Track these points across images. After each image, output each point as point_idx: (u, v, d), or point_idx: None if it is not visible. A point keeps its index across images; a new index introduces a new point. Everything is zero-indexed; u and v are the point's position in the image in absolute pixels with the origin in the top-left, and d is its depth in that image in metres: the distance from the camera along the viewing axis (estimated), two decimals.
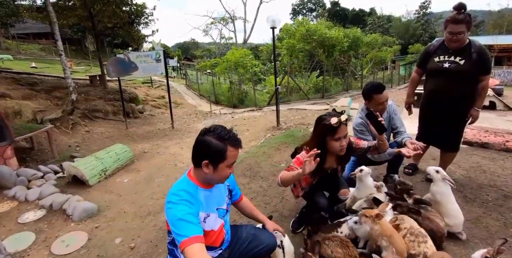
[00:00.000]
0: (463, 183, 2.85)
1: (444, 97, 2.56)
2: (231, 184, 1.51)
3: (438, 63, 2.54)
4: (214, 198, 1.33)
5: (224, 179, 1.28)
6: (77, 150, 5.13)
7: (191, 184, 1.26)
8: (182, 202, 1.17)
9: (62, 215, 2.82)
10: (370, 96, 2.26)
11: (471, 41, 2.40)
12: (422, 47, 33.05)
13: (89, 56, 26.49)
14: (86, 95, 9.08)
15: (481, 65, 2.36)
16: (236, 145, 1.22)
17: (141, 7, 10.94)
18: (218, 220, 1.35)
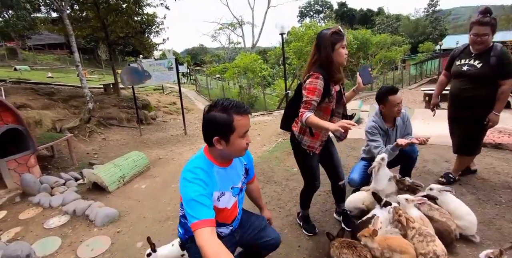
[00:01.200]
0: (476, 185, 2.84)
1: (462, 100, 2.62)
2: (248, 163, 1.49)
3: (458, 66, 2.61)
4: (229, 176, 1.31)
5: (242, 151, 1.23)
6: (95, 157, 5.33)
7: (207, 161, 1.24)
8: (197, 181, 1.15)
9: (85, 221, 2.95)
10: (385, 98, 2.30)
11: (493, 45, 2.43)
12: (433, 45, 32.46)
13: (102, 64, 27.21)
14: (101, 103, 9.36)
15: (500, 70, 2.37)
16: (242, 112, 1.15)
17: (152, 16, 11.24)
18: (232, 198, 1.35)
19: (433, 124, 5.79)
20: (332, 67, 1.74)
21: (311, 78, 1.72)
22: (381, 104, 2.37)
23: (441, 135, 4.99)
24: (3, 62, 22.18)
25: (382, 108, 2.39)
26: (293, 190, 3.04)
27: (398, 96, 2.27)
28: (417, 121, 6.02)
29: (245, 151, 1.26)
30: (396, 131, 2.45)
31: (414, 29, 41.51)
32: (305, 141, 1.91)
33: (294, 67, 12.79)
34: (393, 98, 2.26)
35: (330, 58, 1.71)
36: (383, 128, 2.40)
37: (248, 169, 1.49)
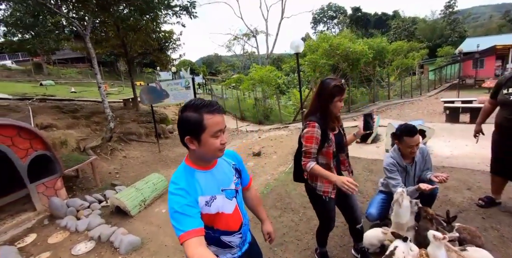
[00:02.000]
0: (500, 218, 2.75)
1: (510, 130, 2.57)
2: (237, 163, 1.41)
3: (506, 95, 2.57)
4: (216, 178, 1.26)
5: (215, 151, 1.18)
6: (116, 176, 5.52)
7: (187, 168, 1.23)
8: (178, 191, 1.13)
9: (110, 248, 3.07)
10: (401, 138, 2.31)
11: None
12: (452, 49, 31.39)
13: (121, 77, 28.18)
14: (121, 118, 9.71)
15: None
16: (212, 111, 1.13)
17: (169, 33, 11.64)
18: (227, 201, 1.28)
19: (454, 142, 5.65)
20: (328, 117, 1.86)
21: (308, 127, 1.84)
22: (397, 140, 2.37)
23: (462, 155, 4.87)
24: (30, 77, 23.42)
25: (397, 144, 2.39)
26: (310, 220, 3.05)
27: (415, 139, 2.25)
28: (437, 140, 5.86)
29: (220, 151, 1.20)
30: (415, 167, 2.43)
31: (431, 32, 40.47)
32: (319, 186, 1.95)
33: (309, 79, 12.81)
34: (409, 140, 2.26)
35: (328, 109, 1.83)
36: (402, 165, 2.40)
37: (240, 170, 1.42)
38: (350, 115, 10.99)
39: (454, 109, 7.89)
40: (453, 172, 4.13)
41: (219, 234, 1.28)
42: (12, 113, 7.12)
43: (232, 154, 1.42)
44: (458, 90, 14.96)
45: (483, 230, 2.61)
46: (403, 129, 2.31)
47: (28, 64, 26.13)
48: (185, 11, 9.48)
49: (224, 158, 1.34)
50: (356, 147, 5.97)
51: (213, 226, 1.25)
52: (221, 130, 1.16)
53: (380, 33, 41.73)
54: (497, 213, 2.85)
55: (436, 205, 3.18)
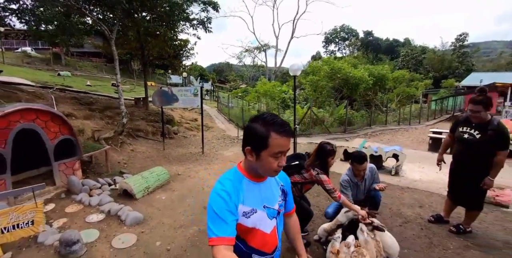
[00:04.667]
0: (435, 231, 3.39)
1: (463, 164, 3.09)
2: (286, 185, 1.40)
3: (461, 132, 3.04)
4: (261, 193, 1.24)
5: (270, 171, 1.17)
6: (124, 166, 6.23)
7: (237, 173, 1.23)
8: (222, 193, 1.14)
9: (117, 220, 3.74)
10: (352, 163, 3.02)
11: (491, 119, 2.85)
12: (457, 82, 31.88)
13: (134, 75, 29.24)
14: (131, 115, 10.44)
15: (496, 142, 2.77)
16: (281, 132, 1.10)
17: (184, 42, 12.57)
18: (267, 220, 1.25)
19: (427, 169, 6.31)
20: (325, 168, 2.79)
21: (321, 174, 2.72)
22: (350, 163, 3.07)
23: (429, 180, 5.54)
24: (48, 66, 24.51)
25: (351, 165, 3.08)
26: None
27: (363, 166, 2.93)
28: (412, 165, 6.54)
29: (275, 172, 1.19)
30: (364, 182, 3.14)
31: (439, 63, 40.77)
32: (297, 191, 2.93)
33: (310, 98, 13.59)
34: (357, 166, 2.97)
35: (325, 164, 2.79)
36: (353, 181, 3.11)
37: (286, 192, 1.39)
38: (344, 136, 11.67)
39: (436, 139, 8.57)
40: (414, 193, 4.79)
41: (252, 252, 1.27)
42: (38, 100, 7.90)
43: (283, 175, 1.40)
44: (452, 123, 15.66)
45: (416, 237, 3.27)
46: (354, 156, 3.00)
47: (47, 53, 27.22)
48: (201, 25, 10.41)
49: (275, 177, 1.32)
50: (340, 164, 6.66)
51: (246, 241, 1.24)
52: (283, 152, 1.14)
53: (389, 59, 42.71)
54: (435, 227, 3.49)
55: (388, 215, 3.86)
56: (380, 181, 3.24)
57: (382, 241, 2.62)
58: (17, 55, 24.95)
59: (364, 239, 2.50)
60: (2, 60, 19.85)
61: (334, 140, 10.58)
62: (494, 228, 3.52)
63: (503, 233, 3.37)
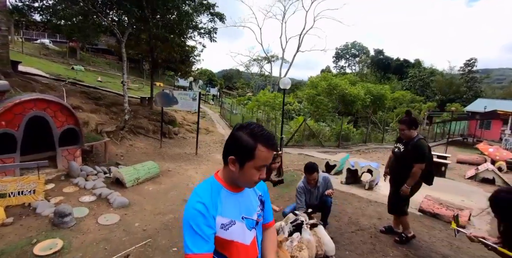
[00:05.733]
0: (382, 239, 3.79)
1: (393, 173, 3.67)
2: (264, 195, 1.36)
3: (394, 147, 3.64)
4: (239, 203, 1.20)
5: (251, 182, 1.15)
6: (121, 158, 6.79)
7: (215, 182, 1.19)
8: (199, 206, 1.08)
9: (106, 202, 4.26)
10: (304, 172, 3.55)
11: (415, 137, 3.36)
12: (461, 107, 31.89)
13: (143, 75, 30.19)
14: (135, 113, 11.05)
15: (413, 156, 3.27)
16: (268, 145, 1.09)
17: (192, 48, 13.30)
18: (247, 231, 1.21)
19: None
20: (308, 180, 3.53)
21: None
22: (304, 173, 3.57)
23: None
24: (64, 59, 25.57)
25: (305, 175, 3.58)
26: None
27: (312, 176, 3.46)
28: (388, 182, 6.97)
29: (254, 184, 1.17)
30: (317, 189, 3.63)
31: (447, 86, 40.68)
32: None
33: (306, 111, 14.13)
34: (308, 176, 3.49)
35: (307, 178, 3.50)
36: (307, 188, 3.61)
37: (264, 202, 1.35)
38: (337, 150, 12.10)
39: None
40: (379, 206, 5.20)
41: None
42: (50, 91, 8.56)
43: (261, 185, 1.36)
44: (446, 146, 15.97)
45: (362, 243, 3.65)
46: (305, 167, 3.52)
47: (64, 47, 28.32)
48: (207, 35, 11.12)
49: None
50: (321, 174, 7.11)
51: (225, 255, 1.19)
52: (266, 165, 1.13)
53: (397, 79, 43.01)
54: (384, 236, 3.88)
55: (345, 222, 4.29)
56: (333, 189, 3.72)
57: (322, 237, 3.09)
58: (36, 46, 26.06)
59: (307, 237, 2.97)
60: (21, 50, 20.86)
61: (324, 153, 11.02)
62: (441, 243, 3.87)
63: (447, 249, 3.72)
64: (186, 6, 10.62)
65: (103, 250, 3.07)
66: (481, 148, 11.69)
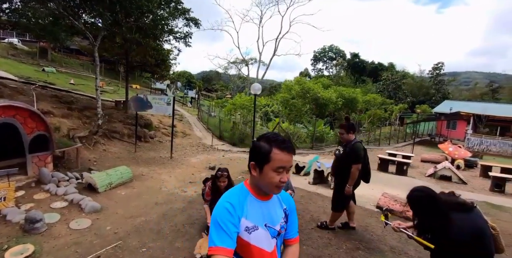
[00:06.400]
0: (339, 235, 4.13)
1: (334, 173, 4.09)
2: (288, 208, 1.40)
3: (336, 150, 4.04)
4: (263, 211, 1.28)
5: (271, 186, 1.22)
6: (94, 164, 6.83)
7: (244, 189, 1.29)
8: (227, 205, 1.20)
9: (78, 208, 4.38)
10: None
11: (352, 140, 3.72)
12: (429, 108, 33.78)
13: (119, 77, 29.52)
14: (109, 117, 10.97)
15: (349, 157, 3.64)
16: (282, 147, 1.19)
17: (167, 52, 13.36)
18: (270, 239, 1.28)
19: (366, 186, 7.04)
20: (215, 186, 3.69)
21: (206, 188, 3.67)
22: None
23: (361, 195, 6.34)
24: (34, 60, 24.54)
25: None
26: None
27: None
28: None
29: (277, 188, 1.23)
30: None
31: (418, 88, 43.02)
32: None
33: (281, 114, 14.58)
34: None
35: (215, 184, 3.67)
36: None
37: (288, 215, 1.39)
38: (310, 152, 12.59)
39: (384, 160, 9.60)
40: None
41: None
42: (19, 96, 8.40)
43: (289, 199, 1.43)
44: (413, 146, 16.92)
45: (320, 238, 3.97)
46: None
47: (34, 47, 27.08)
48: (182, 39, 11.27)
49: (279, 199, 1.37)
50: (290, 176, 7.48)
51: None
52: (284, 167, 1.20)
53: (372, 82, 44.84)
54: (341, 232, 4.21)
55: (307, 220, 4.64)
56: (293, 189, 4.06)
57: None
58: (3, 46, 24.84)
59: None
60: None
61: (296, 155, 11.44)
62: (391, 236, 4.28)
63: (395, 241, 4.12)
64: (161, 10, 10.71)
65: (74, 253, 3.23)
66: (442, 148, 12.58)
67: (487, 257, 2.03)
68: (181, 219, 4.30)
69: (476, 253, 1.97)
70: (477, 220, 2.04)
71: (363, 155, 3.72)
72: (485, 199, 6.90)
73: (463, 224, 1.96)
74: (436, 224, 2.04)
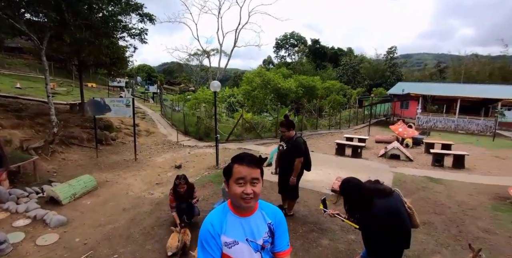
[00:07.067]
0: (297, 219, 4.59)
1: (281, 166, 4.46)
2: (274, 223, 1.46)
3: (279, 145, 4.39)
4: (244, 227, 1.38)
5: (235, 197, 1.33)
6: (54, 175, 6.67)
7: (226, 208, 1.42)
8: (208, 224, 1.35)
9: (43, 223, 4.40)
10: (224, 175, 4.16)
11: (294, 136, 4.08)
12: (385, 91, 36.07)
13: (72, 76, 27.65)
14: (65, 122, 10.51)
15: (292, 151, 4.03)
16: (240, 162, 1.35)
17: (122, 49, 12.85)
18: (252, 253, 1.38)
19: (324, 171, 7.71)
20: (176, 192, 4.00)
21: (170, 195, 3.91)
22: None
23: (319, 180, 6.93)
24: None
25: None
26: None
27: None
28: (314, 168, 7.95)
29: (243, 200, 1.32)
30: None
31: (374, 72, 45.43)
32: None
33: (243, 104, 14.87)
34: None
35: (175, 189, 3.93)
36: None
37: (273, 230, 1.45)
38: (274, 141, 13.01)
39: (341, 145, 10.34)
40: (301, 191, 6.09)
41: None
42: None
43: (275, 214, 1.48)
44: (369, 128, 18.16)
45: None
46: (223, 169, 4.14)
47: None
48: (138, 36, 10.97)
49: (263, 213, 1.45)
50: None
51: None
52: (243, 178, 1.32)
53: (333, 67, 46.46)
54: (297, 217, 4.70)
55: None
56: None
57: None
58: None
59: None
60: None
61: (261, 145, 11.87)
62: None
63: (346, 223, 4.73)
64: (111, 6, 10.26)
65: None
66: (393, 129, 13.72)
67: (404, 232, 2.52)
68: (149, 222, 4.49)
69: (395, 229, 2.44)
70: (394, 203, 2.50)
71: (304, 148, 4.15)
72: (427, 173, 7.79)
73: (382, 206, 2.42)
74: (361, 208, 2.51)
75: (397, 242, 2.52)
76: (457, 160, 8.82)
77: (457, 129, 19.94)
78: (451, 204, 5.39)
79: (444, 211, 5.06)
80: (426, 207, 5.21)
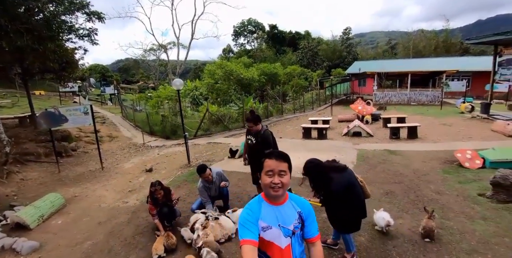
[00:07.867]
0: None
1: (250, 159, 4.58)
2: (303, 211, 1.65)
3: (247, 139, 4.45)
4: (276, 214, 1.58)
5: (266, 187, 1.54)
6: (15, 198, 6.24)
7: (260, 198, 1.64)
8: (246, 210, 1.59)
9: (13, 252, 4.18)
10: (198, 174, 4.25)
11: (261, 129, 4.19)
12: (343, 71, 37.48)
13: (15, 85, 25.21)
14: (16, 138, 9.69)
15: (262, 144, 4.11)
16: (270, 157, 1.56)
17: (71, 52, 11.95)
18: (282, 237, 1.58)
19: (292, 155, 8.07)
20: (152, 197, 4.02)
21: None
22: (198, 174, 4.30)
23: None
24: None
25: None
26: None
27: (206, 174, 4.18)
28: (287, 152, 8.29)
29: (272, 189, 1.52)
30: (214, 184, 4.39)
31: (331, 53, 46.56)
32: None
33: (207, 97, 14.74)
34: (202, 175, 4.20)
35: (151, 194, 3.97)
36: (206, 185, 4.34)
37: (303, 218, 1.65)
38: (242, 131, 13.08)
39: (307, 129, 10.74)
40: None
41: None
42: None
43: (304, 203, 1.69)
44: (331, 108, 18.90)
45: None
46: (197, 169, 4.27)
47: None
48: (87, 37, 10.27)
49: (292, 203, 1.66)
50: (226, 160, 7.91)
51: (266, 253, 1.61)
52: (272, 170, 1.53)
53: (292, 51, 46.92)
54: None
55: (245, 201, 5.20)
56: (227, 180, 4.55)
57: (223, 225, 3.91)
58: None
59: (211, 224, 3.74)
60: None
61: (230, 137, 11.88)
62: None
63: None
64: (53, 6, 9.42)
65: None
66: (353, 107, 14.44)
67: (358, 201, 2.97)
68: (129, 232, 4.40)
69: (350, 200, 2.89)
70: (348, 177, 2.97)
71: (272, 139, 4.33)
72: (386, 147, 8.40)
73: (339, 180, 2.86)
74: (321, 183, 2.89)
75: (354, 212, 2.96)
76: (411, 131, 9.63)
77: (410, 101, 21.47)
78: (408, 173, 5.95)
79: (402, 179, 5.58)
80: (387, 178, 5.71)
